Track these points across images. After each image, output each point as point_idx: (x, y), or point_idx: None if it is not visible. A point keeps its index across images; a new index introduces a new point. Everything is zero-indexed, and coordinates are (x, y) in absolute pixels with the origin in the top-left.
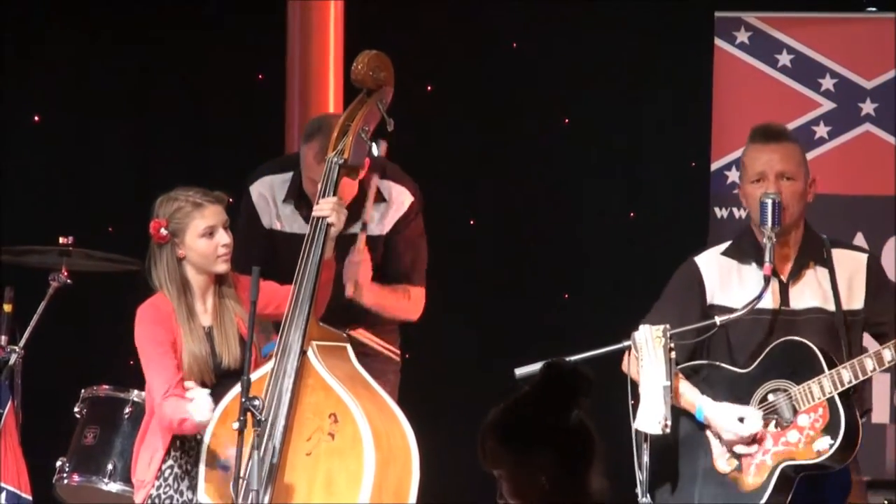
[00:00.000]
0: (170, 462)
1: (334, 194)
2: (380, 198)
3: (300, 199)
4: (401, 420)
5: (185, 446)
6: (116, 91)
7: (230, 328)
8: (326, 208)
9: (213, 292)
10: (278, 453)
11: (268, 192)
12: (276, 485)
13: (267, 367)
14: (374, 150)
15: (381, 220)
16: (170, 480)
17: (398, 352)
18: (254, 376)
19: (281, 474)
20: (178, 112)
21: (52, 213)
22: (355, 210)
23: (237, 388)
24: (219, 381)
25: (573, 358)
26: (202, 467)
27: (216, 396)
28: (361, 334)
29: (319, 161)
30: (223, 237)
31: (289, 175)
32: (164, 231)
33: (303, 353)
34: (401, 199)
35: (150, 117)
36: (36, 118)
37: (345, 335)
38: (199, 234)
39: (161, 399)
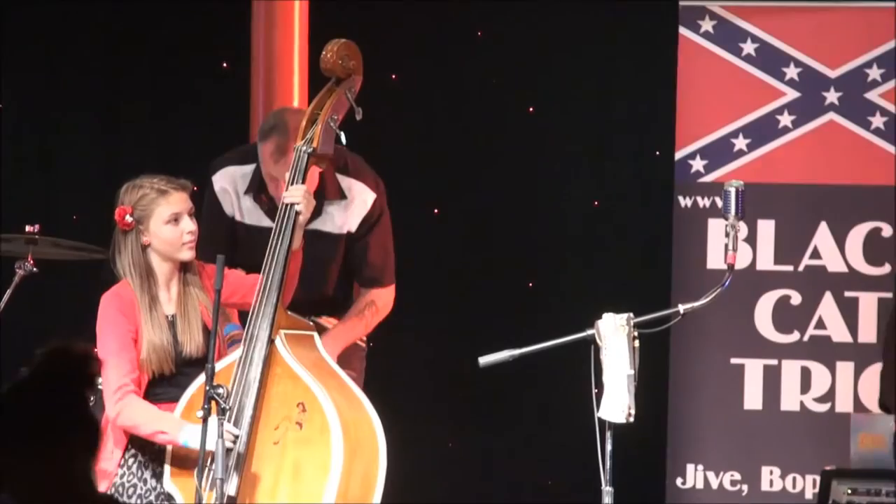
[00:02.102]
0: (133, 451)
1: (303, 182)
2: (339, 194)
3: (260, 193)
4: (368, 409)
5: None
6: (83, 79)
7: (194, 317)
8: (297, 195)
9: (178, 280)
10: (245, 442)
11: (229, 184)
12: (243, 474)
13: (234, 356)
14: (343, 140)
15: (340, 218)
16: (133, 468)
17: (364, 338)
18: (220, 365)
19: (248, 463)
20: (145, 100)
21: (18, 202)
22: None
23: (202, 377)
24: (180, 370)
25: (537, 347)
26: (168, 456)
27: (178, 385)
28: (327, 321)
29: (276, 160)
30: (188, 224)
31: (250, 168)
32: (129, 218)
33: (270, 341)
34: (362, 196)
35: (116, 105)
36: (0, 105)
37: (312, 323)
38: (164, 220)
39: (115, 395)
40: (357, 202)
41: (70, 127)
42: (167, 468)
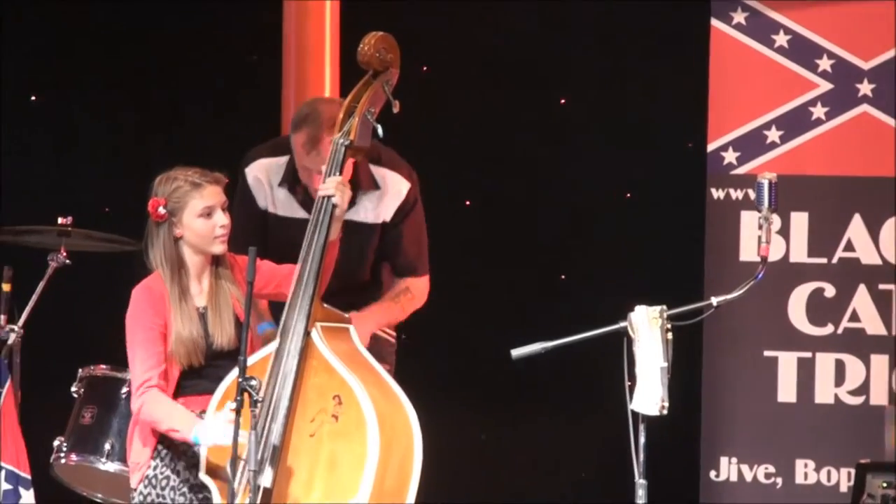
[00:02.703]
0: (166, 442)
1: (340, 174)
2: (373, 185)
3: (295, 184)
4: (403, 402)
5: None
6: (115, 71)
7: (225, 309)
8: (331, 187)
9: (210, 273)
10: (281, 435)
11: (263, 175)
12: (278, 466)
13: (270, 349)
14: (380, 132)
15: (375, 208)
16: (166, 460)
17: (394, 334)
18: (256, 357)
19: (284, 456)
20: (176, 91)
21: (51, 194)
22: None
23: (237, 370)
24: (211, 362)
25: (570, 339)
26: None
27: (209, 378)
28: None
29: (308, 151)
30: (221, 218)
31: (284, 159)
32: (162, 210)
33: (307, 333)
34: (397, 187)
35: (147, 97)
36: (34, 98)
37: (348, 316)
38: (197, 213)
39: (140, 390)
40: (391, 192)
41: (102, 118)
42: (202, 459)
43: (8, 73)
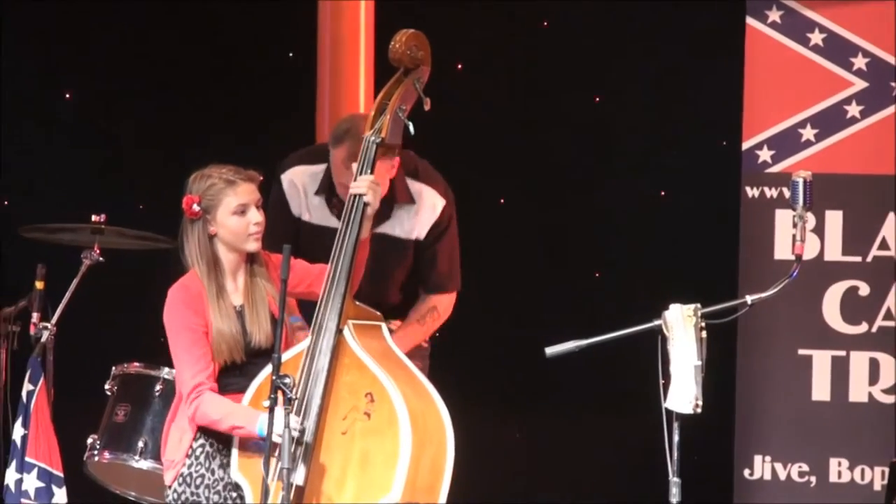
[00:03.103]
0: (201, 440)
1: (371, 173)
2: (409, 198)
3: (331, 193)
4: (436, 399)
5: None
6: (149, 68)
7: (261, 307)
8: (363, 186)
9: (245, 271)
10: (313, 432)
11: (299, 182)
12: (311, 464)
13: (302, 346)
14: (412, 130)
15: (409, 223)
16: (201, 459)
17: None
18: (289, 354)
19: (316, 453)
20: (210, 89)
21: (84, 191)
22: (383, 209)
23: (270, 367)
24: (249, 360)
25: (604, 337)
26: (236, 445)
27: (247, 375)
28: (392, 324)
29: (348, 166)
30: (255, 215)
31: (321, 167)
32: (196, 207)
33: (339, 331)
34: (432, 201)
35: (181, 94)
36: (67, 95)
37: (380, 314)
38: (232, 211)
39: (192, 394)
40: (426, 207)
41: (136, 116)
42: (235, 458)
43: (42, 70)
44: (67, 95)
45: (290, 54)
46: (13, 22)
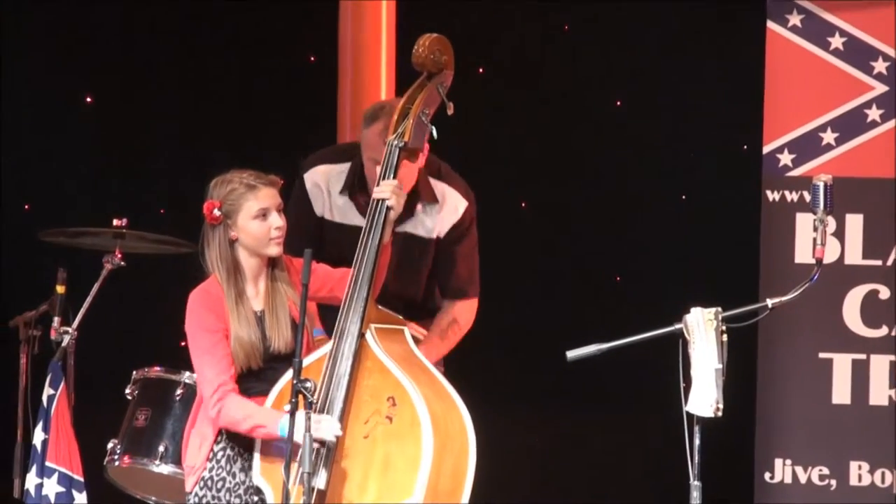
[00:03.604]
0: (222, 444)
1: (394, 177)
2: (433, 198)
3: (356, 190)
4: (458, 404)
5: None
6: (169, 72)
7: (282, 313)
8: (387, 190)
9: (266, 276)
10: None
11: (322, 182)
12: (332, 468)
13: (324, 350)
14: (434, 134)
15: (432, 222)
16: (222, 462)
17: None
18: (311, 359)
19: (338, 457)
20: (231, 94)
21: (105, 195)
22: (407, 208)
23: (291, 372)
24: (269, 365)
25: (625, 341)
26: (257, 449)
27: (266, 380)
28: (416, 331)
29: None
30: (276, 220)
31: (345, 166)
32: (217, 212)
33: (361, 335)
34: (454, 202)
35: (202, 98)
36: (88, 99)
37: (402, 318)
38: (253, 215)
39: (215, 395)
40: (448, 207)
41: (157, 120)
42: (256, 462)
43: (64, 74)
44: (89, 99)
45: (311, 57)
46: (32, 26)
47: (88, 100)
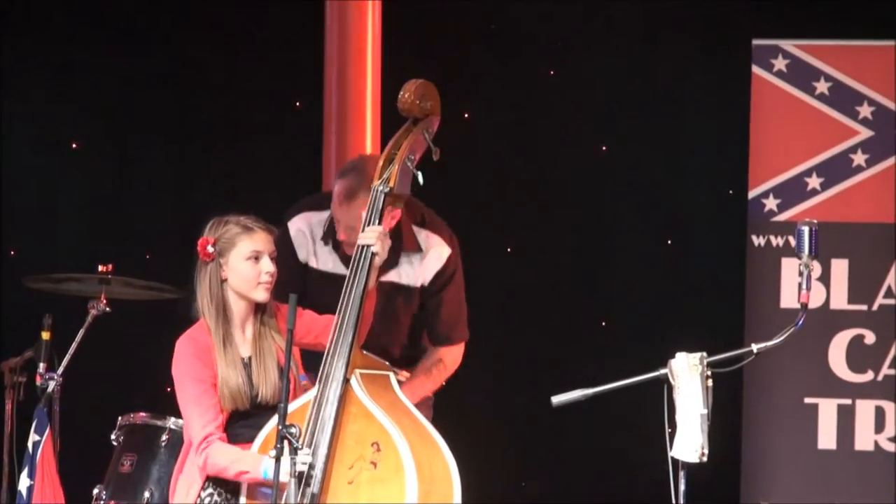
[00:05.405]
0: (209, 490)
1: (379, 223)
2: (416, 246)
3: (337, 241)
4: (443, 448)
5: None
6: (155, 118)
7: (270, 360)
8: (371, 237)
9: (254, 322)
10: (320, 482)
11: (306, 229)
12: None
13: (309, 396)
14: (420, 180)
15: (415, 271)
16: None
17: None
18: (296, 404)
19: (322, 502)
20: (217, 140)
21: (91, 241)
22: (390, 258)
23: (277, 417)
24: (255, 411)
25: (610, 386)
26: (243, 495)
27: (254, 426)
28: (401, 374)
29: (341, 202)
30: (268, 265)
31: (326, 213)
32: (210, 248)
33: (346, 380)
34: (438, 250)
35: (188, 145)
36: (74, 145)
37: (387, 363)
38: (245, 256)
39: (202, 445)
40: (432, 255)
41: (143, 166)
42: None
43: (50, 122)
44: (74, 145)
45: (297, 104)
46: (19, 72)
47: (74, 146)
